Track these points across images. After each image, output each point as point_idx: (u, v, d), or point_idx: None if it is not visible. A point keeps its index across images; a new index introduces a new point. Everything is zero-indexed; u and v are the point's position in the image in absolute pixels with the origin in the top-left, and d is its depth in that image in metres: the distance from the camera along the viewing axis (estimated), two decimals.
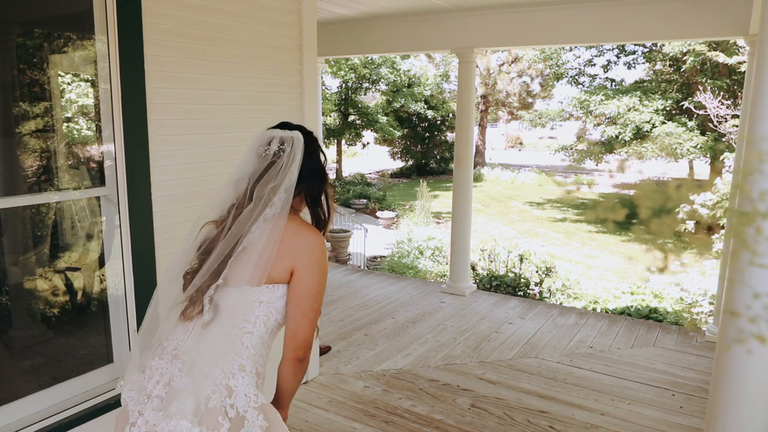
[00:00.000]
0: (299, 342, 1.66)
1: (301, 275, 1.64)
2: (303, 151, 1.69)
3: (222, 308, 1.62)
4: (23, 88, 3.13)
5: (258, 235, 1.62)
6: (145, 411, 1.58)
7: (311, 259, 1.65)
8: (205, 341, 1.61)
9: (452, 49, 6.23)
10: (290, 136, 1.69)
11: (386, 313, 5.72)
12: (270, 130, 1.73)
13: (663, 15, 5.08)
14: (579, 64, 22.39)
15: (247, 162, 1.71)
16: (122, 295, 2.81)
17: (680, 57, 17.25)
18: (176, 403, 1.54)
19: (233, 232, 1.62)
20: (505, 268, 9.08)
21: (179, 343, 1.64)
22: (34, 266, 3.23)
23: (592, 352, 4.79)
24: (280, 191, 1.63)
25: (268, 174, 1.65)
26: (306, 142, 1.72)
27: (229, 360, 1.61)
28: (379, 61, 21.25)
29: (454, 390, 4.07)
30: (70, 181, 3.10)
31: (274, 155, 1.67)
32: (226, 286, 1.62)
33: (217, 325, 1.62)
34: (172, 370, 1.60)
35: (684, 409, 3.81)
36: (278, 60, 3.46)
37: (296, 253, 1.64)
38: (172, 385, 1.58)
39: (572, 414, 3.75)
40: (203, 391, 1.56)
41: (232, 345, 1.62)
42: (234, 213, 1.67)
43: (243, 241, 1.61)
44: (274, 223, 1.62)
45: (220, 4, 3.05)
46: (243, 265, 1.61)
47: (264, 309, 1.65)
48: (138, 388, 1.63)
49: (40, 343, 3.16)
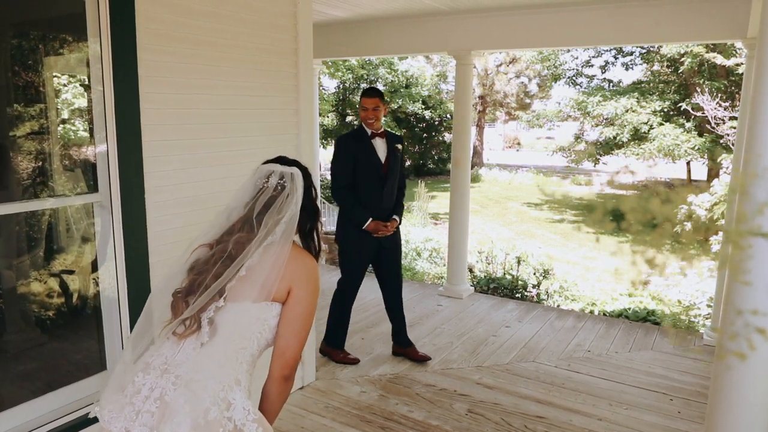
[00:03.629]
0: (287, 360, 1.70)
1: (297, 296, 1.71)
2: (303, 187, 1.78)
3: (220, 324, 1.65)
4: (17, 90, 3.10)
5: (257, 260, 1.67)
6: (134, 428, 1.55)
7: (309, 281, 1.74)
8: (203, 354, 1.62)
9: (449, 51, 6.21)
10: (290, 172, 1.78)
11: (383, 317, 5.67)
12: (269, 164, 1.81)
13: (661, 17, 5.07)
14: (577, 65, 22.43)
15: (244, 193, 1.78)
16: (116, 301, 2.78)
17: (678, 58, 17.26)
18: (170, 424, 1.52)
19: (232, 255, 1.67)
20: (503, 270, 9.06)
21: (168, 358, 1.63)
22: (29, 269, 3.20)
23: (590, 355, 4.77)
24: (281, 223, 1.70)
25: (273, 206, 1.72)
26: (303, 177, 1.80)
27: (227, 373, 1.63)
28: (376, 61, 21.25)
29: (451, 395, 4.05)
30: (65, 185, 3.07)
31: (275, 189, 1.75)
32: (227, 303, 1.66)
33: (216, 342, 1.64)
34: (163, 384, 1.58)
35: (682, 414, 3.80)
36: (273, 63, 3.43)
37: (295, 275, 1.71)
38: (165, 399, 1.56)
39: (570, 419, 3.73)
40: (202, 404, 1.55)
41: (229, 359, 1.65)
42: (228, 238, 1.72)
43: (245, 264, 1.66)
44: (281, 248, 1.70)
45: (215, 8, 3.03)
46: (248, 284, 1.65)
47: (260, 326, 1.69)
48: (119, 407, 1.60)
49: (33, 348, 3.13)
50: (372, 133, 4.32)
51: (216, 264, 1.67)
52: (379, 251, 4.43)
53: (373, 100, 4.30)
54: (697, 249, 13.60)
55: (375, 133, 4.32)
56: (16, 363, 2.98)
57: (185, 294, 1.67)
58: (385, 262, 4.51)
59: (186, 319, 1.62)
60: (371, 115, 4.28)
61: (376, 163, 4.29)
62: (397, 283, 4.61)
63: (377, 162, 4.29)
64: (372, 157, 4.28)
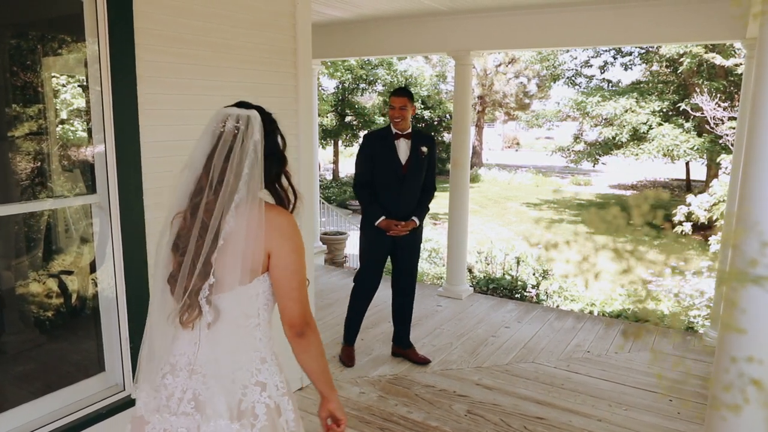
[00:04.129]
0: (290, 319, 1.65)
1: (276, 258, 1.62)
2: (261, 131, 1.63)
3: (223, 310, 1.60)
4: (15, 90, 3.09)
5: (234, 224, 1.57)
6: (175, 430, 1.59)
7: (283, 239, 1.63)
8: (221, 348, 1.61)
9: (449, 51, 6.21)
10: (246, 114, 1.63)
11: (382, 317, 5.68)
12: (226, 108, 1.67)
13: (660, 18, 5.06)
14: (576, 65, 22.42)
15: (204, 143, 1.64)
16: (114, 301, 2.77)
17: (677, 58, 17.27)
18: (210, 423, 1.56)
19: (207, 225, 1.57)
20: (502, 271, 9.06)
21: (191, 358, 1.62)
22: (27, 270, 3.19)
23: (590, 356, 4.77)
24: (243, 175, 1.57)
25: (229, 158, 1.59)
26: (263, 122, 1.66)
27: (250, 357, 1.63)
28: (375, 62, 21.22)
29: (450, 396, 4.04)
30: (63, 185, 3.07)
31: (232, 136, 1.61)
32: (221, 291, 1.59)
33: (226, 330, 1.61)
34: (194, 384, 1.60)
35: (681, 415, 3.79)
36: (272, 64, 3.43)
37: (269, 239, 1.60)
38: (199, 399, 1.59)
39: (569, 420, 3.73)
40: (235, 396, 1.58)
41: (247, 343, 1.64)
42: (198, 201, 1.60)
43: (221, 233, 1.56)
44: (250, 211, 1.58)
45: (213, 9, 3.02)
46: (230, 265, 1.57)
47: (263, 299, 1.65)
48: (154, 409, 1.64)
49: (32, 348, 3.12)
50: (397, 133, 4.32)
51: (196, 240, 1.58)
52: (395, 250, 4.46)
53: (401, 99, 4.30)
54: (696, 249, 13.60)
55: (400, 134, 4.32)
56: (15, 364, 2.98)
57: (176, 279, 1.61)
58: (400, 262, 4.53)
59: (185, 306, 1.59)
60: (398, 114, 4.28)
61: (395, 163, 4.30)
62: (408, 284, 4.60)
63: (397, 162, 4.30)
64: (392, 157, 4.29)
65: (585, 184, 25.90)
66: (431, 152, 4.40)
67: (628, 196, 21.51)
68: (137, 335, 2.76)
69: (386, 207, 4.31)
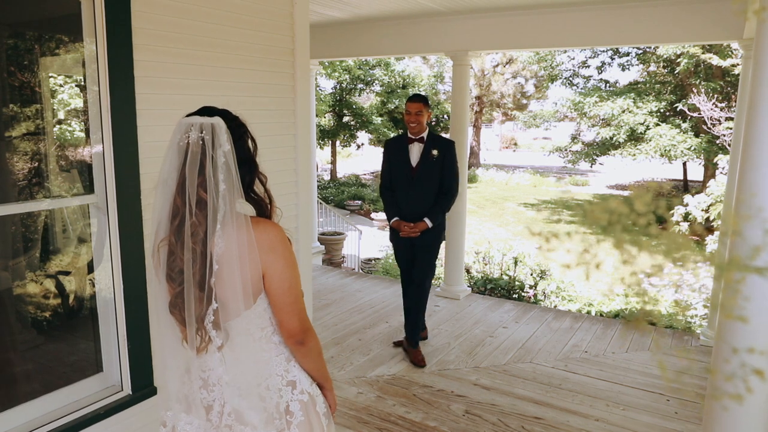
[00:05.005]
0: (289, 331, 1.65)
1: (271, 276, 1.59)
2: (230, 140, 1.54)
3: (237, 331, 1.60)
4: (12, 90, 3.09)
5: (223, 245, 1.52)
6: None
7: (275, 256, 1.59)
8: (246, 361, 1.62)
9: (446, 51, 6.21)
10: (210, 123, 1.53)
11: (380, 317, 5.69)
12: (188, 117, 1.56)
13: (657, 18, 5.07)
14: (573, 65, 22.45)
15: (170, 156, 1.55)
16: (112, 301, 2.77)
17: (674, 59, 17.30)
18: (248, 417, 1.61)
19: (197, 251, 1.52)
20: (500, 271, 9.06)
21: (220, 374, 1.63)
22: (24, 270, 3.18)
23: (587, 356, 4.78)
24: (220, 190, 1.50)
25: (202, 173, 1.50)
26: (231, 128, 1.56)
27: (277, 362, 1.67)
28: (373, 62, 21.22)
29: (448, 396, 4.05)
30: (61, 185, 3.06)
31: (199, 148, 1.51)
32: (228, 318, 1.58)
33: (245, 345, 1.62)
34: (228, 397, 1.62)
35: (679, 415, 3.80)
36: (270, 64, 3.43)
37: (260, 256, 1.56)
38: (238, 410, 1.62)
39: (567, 420, 3.73)
40: (272, 402, 1.63)
41: (270, 350, 1.67)
42: (179, 224, 1.54)
43: (214, 258, 1.52)
44: (238, 237, 1.52)
45: (211, 9, 3.02)
46: (230, 291, 1.55)
47: (267, 313, 1.65)
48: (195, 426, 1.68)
49: (29, 349, 3.11)
50: (410, 137, 4.50)
51: (191, 268, 1.53)
52: (413, 250, 4.60)
53: (416, 105, 4.45)
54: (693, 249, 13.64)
55: (413, 138, 4.49)
56: (12, 364, 2.97)
57: (178, 307, 1.58)
58: (417, 262, 4.63)
59: (195, 333, 1.57)
60: (413, 120, 4.44)
61: (406, 166, 4.49)
62: (420, 283, 4.64)
63: (408, 165, 4.48)
64: (404, 160, 4.51)
65: (583, 185, 25.94)
66: (447, 156, 4.47)
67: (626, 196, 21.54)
68: (135, 335, 2.77)
69: (400, 208, 4.51)
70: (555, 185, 25.49)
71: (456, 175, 4.53)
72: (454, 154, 4.52)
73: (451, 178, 4.49)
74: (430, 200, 4.46)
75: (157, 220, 1.58)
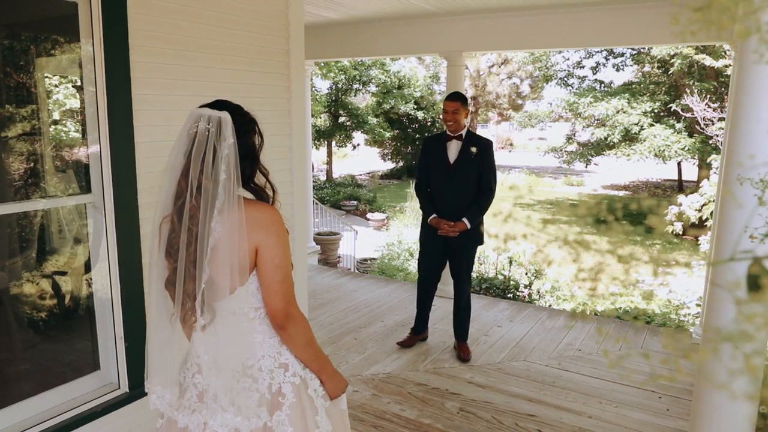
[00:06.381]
0: (272, 312, 1.68)
1: (262, 253, 1.65)
2: (234, 134, 1.62)
3: (230, 311, 1.65)
4: (9, 91, 3.10)
5: (220, 230, 1.60)
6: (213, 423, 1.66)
7: (266, 233, 1.65)
8: (239, 342, 1.67)
9: (441, 52, 6.24)
10: (217, 116, 1.62)
11: (376, 316, 5.72)
12: (200, 108, 1.66)
13: (651, 19, 5.12)
14: (568, 66, 22.54)
15: (180, 142, 1.64)
16: (109, 300, 2.79)
17: (668, 59, 17.40)
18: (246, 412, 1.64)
19: (195, 233, 1.60)
20: (495, 271, 9.11)
21: (214, 355, 1.67)
22: (21, 270, 3.20)
23: (581, 354, 4.82)
24: (221, 180, 1.58)
25: (204, 161, 1.59)
26: (238, 123, 1.65)
27: (270, 344, 1.71)
28: (368, 62, 21.25)
29: (442, 394, 4.08)
30: (57, 185, 3.08)
31: (205, 138, 1.60)
32: (222, 296, 1.63)
33: (238, 325, 1.67)
34: (225, 380, 1.65)
35: (671, 412, 3.84)
36: (265, 65, 3.45)
37: (253, 232, 1.63)
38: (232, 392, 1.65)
39: (560, 417, 3.77)
40: (264, 383, 1.68)
41: (263, 331, 1.71)
42: (181, 206, 1.63)
43: (209, 241, 1.59)
44: (231, 220, 1.59)
45: (207, 10, 3.04)
46: (223, 272, 1.61)
47: (258, 293, 1.69)
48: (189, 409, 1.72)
49: (27, 349, 3.13)
50: (449, 134, 4.54)
51: (186, 246, 1.60)
52: (447, 251, 4.63)
53: (454, 103, 4.50)
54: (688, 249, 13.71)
55: (452, 135, 4.53)
56: (10, 363, 2.99)
57: (173, 284, 1.65)
58: (453, 262, 4.69)
59: (186, 310, 1.64)
60: (450, 118, 4.49)
61: (444, 163, 4.52)
62: (459, 286, 4.73)
63: (446, 161, 4.51)
64: (442, 157, 4.53)
65: (578, 185, 26.03)
66: (485, 154, 4.49)
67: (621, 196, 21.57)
68: (132, 333, 2.79)
69: (437, 205, 4.54)
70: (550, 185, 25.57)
71: (495, 174, 4.56)
72: (492, 153, 4.57)
73: (490, 176, 4.50)
74: (466, 197, 4.47)
75: (163, 200, 1.67)
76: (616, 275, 0.75)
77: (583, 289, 9.04)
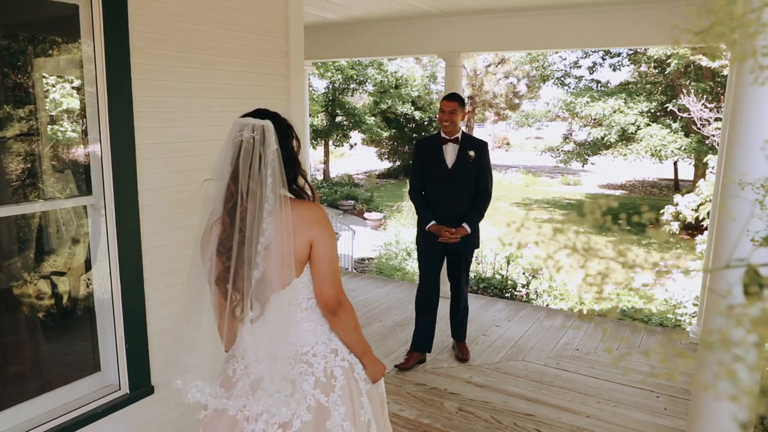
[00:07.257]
0: (325, 300, 1.83)
1: (317, 246, 1.79)
2: (277, 140, 1.75)
3: (285, 302, 1.77)
4: (7, 91, 3.10)
5: (272, 231, 1.72)
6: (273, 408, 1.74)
7: (321, 229, 1.80)
8: (295, 330, 1.80)
9: (439, 53, 6.26)
10: (261, 125, 1.74)
11: (374, 316, 5.73)
12: (243, 118, 1.78)
13: (648, 20, 5.14)
14: (565, 66, 22.59)
15: (225, 151, 1.76)
16: (109, 302, 2.79)
17: (664, 59, 17.45)
18: (305, 396, 1.78)
19: (247, 235, 1.70)
20: (493, 270, 9.13)
21: (268, 345, 1.75)
22: (20, 271, 3.20)
23: (579, 354, 4.84)
24: (268, 183, 1.70)
25: (251, 167, 1.71)
26: (279, 130, 1.77)
27: (322, 331, 1.87)
28: (366, 62, 21.26)
29: (441, 394, 4.09)
30: (56, 186, 3.08)
31: (251, 145, 1.72)
32: (277, 289, 1.74)
33: (293, 315, 1.80)
34: (281, 367, 1.74)
35: (668, 411, 3.86)
36: (265, 66, 3.46)
37: (309, 229, 1.77)
38: (290, 377, 1.74)
39: (558, 417, 3.79)
40: (319, 367, 1.83)
41: (315, 320, 1.85)
42: (232, 207, 1.73)
43: (262, 241, 1.71)
44: (279, 215, 1.71)
45: (207, 12, 3.05)
46: (276, 267, 1.72)
47: (310, 285, 1.83)
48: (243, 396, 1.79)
49: (28, 350, 3.13)
50: (444, 137, 4.35)
51: (238, 245, 1.71)
52: (446, 256, 4.53)
53: (451, 103, 4.31)
54: (684, 248, 13.75)
55: (448, 138, 4.35)
56: (10, 365, 2.99)
57: (224, 281, 1.73)
58: (451, 267, 4.59)
59: (233, 303, 1.72)
60: (446, 118, 4.30)
61: (441, 167, 4.33)
62: (457, 288, 4.64)
63: (443, 166, 4.33)
64: (438, 161, 4.34)
65: (575, 184, 26.08)
66: (482, 157, 4.36)
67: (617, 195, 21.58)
68: (132, 335, 2.80)
69: (434, 211, 4.36)
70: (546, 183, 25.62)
71: (491, 175, 4.45)
72: (488, 154, 4.44)
73: (488, 178, 4.39)
74: (463, 202, 4.33)
75: (212, 205, 1.79)
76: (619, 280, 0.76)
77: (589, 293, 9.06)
